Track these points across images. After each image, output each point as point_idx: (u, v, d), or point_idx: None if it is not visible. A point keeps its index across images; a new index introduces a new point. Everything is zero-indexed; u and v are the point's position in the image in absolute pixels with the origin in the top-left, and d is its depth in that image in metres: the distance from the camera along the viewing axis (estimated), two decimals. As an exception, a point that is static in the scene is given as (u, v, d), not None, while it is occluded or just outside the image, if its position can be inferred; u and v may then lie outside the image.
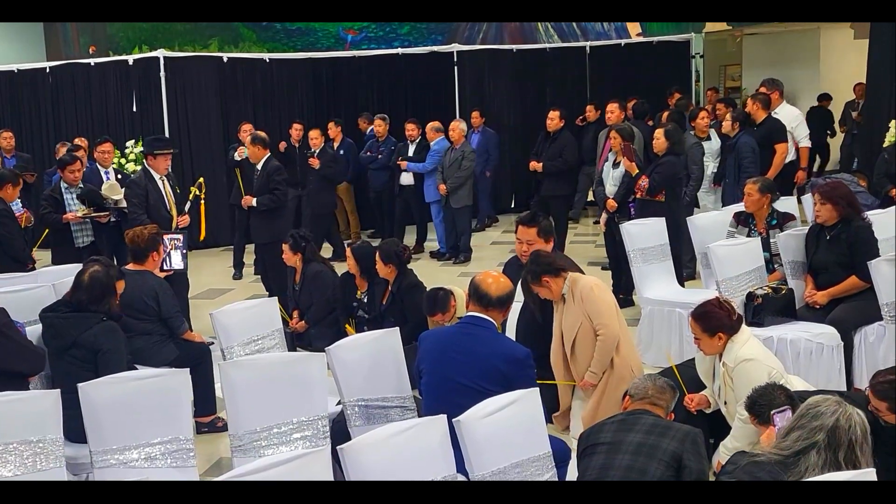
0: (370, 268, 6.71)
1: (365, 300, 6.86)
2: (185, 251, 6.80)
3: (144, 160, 7.92)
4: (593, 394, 5.43)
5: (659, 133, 8.26)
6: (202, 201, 8.42)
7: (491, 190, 13.29)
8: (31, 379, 4.91)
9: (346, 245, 7.28)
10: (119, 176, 8.79)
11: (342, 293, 7.01)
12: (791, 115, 9.88)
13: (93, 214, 8.06)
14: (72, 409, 4.23)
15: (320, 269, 7.27)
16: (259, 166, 9.11)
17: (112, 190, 8.22)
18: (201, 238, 8.71)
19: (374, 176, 11.69)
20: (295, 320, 7.26)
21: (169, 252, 6.52)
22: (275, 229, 8.59)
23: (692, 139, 9.62)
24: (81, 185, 8.26)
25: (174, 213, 7.69)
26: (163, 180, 7.71)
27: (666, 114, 10.46)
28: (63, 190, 8.16)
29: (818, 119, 14.46)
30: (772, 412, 3.81)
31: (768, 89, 9.68)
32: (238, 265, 10.61)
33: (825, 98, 15.41)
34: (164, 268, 6.38)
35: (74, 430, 4.34)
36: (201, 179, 8.72)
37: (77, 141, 10.61)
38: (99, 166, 8.99)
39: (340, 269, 7.11)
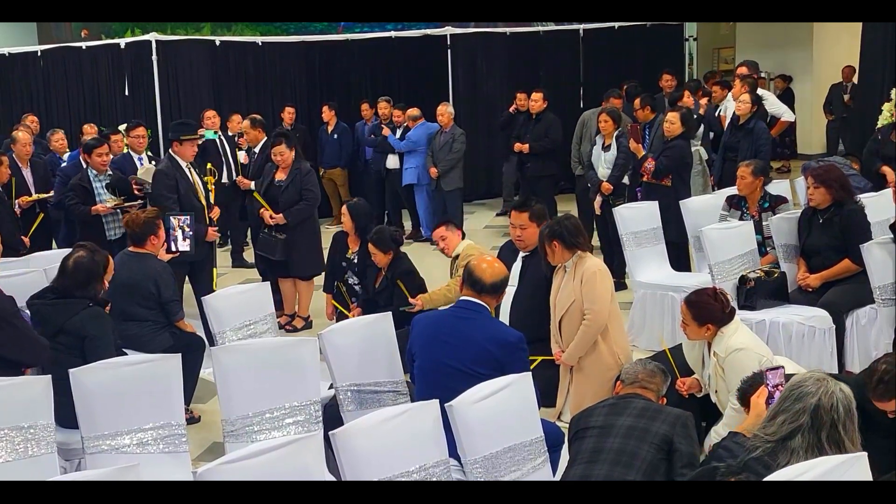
0: (365, 227, 6.86)
1: (355, 261, 6.92)
2: (192, 233, 6.47)
3: (170, 147, 7.53)
4: (579, 379, 5.49)
5: (674, 117, 8.02)
6: (212, 191, 8.27)
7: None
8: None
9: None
10: (153, 161, 8.30)
11: (332, 252, 7.07)
12: (768, 98, 9.85)
13: (125, 205, 7.36)
14: (62, 396, 4.22)
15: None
16: (257, 149, 9.27)
17: (148, 174, 7.57)
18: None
19: (376, 158, 11.65)
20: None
21: (176, 234, 6.36)
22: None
23: None
24: (110, 173, 7.62)
25: (204, 202, 7.26)
26: (189, 168, 7.23)
27: (638, 99, 9.49)
28: (91, 178, 7.49)
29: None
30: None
31: (752, 71, 9.62)
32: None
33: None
34: (171, 249, 6.23)
35: (65, 416, 4.33)
36: (210, 165, 8.56)
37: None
38: (132, 152, 8.42)
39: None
